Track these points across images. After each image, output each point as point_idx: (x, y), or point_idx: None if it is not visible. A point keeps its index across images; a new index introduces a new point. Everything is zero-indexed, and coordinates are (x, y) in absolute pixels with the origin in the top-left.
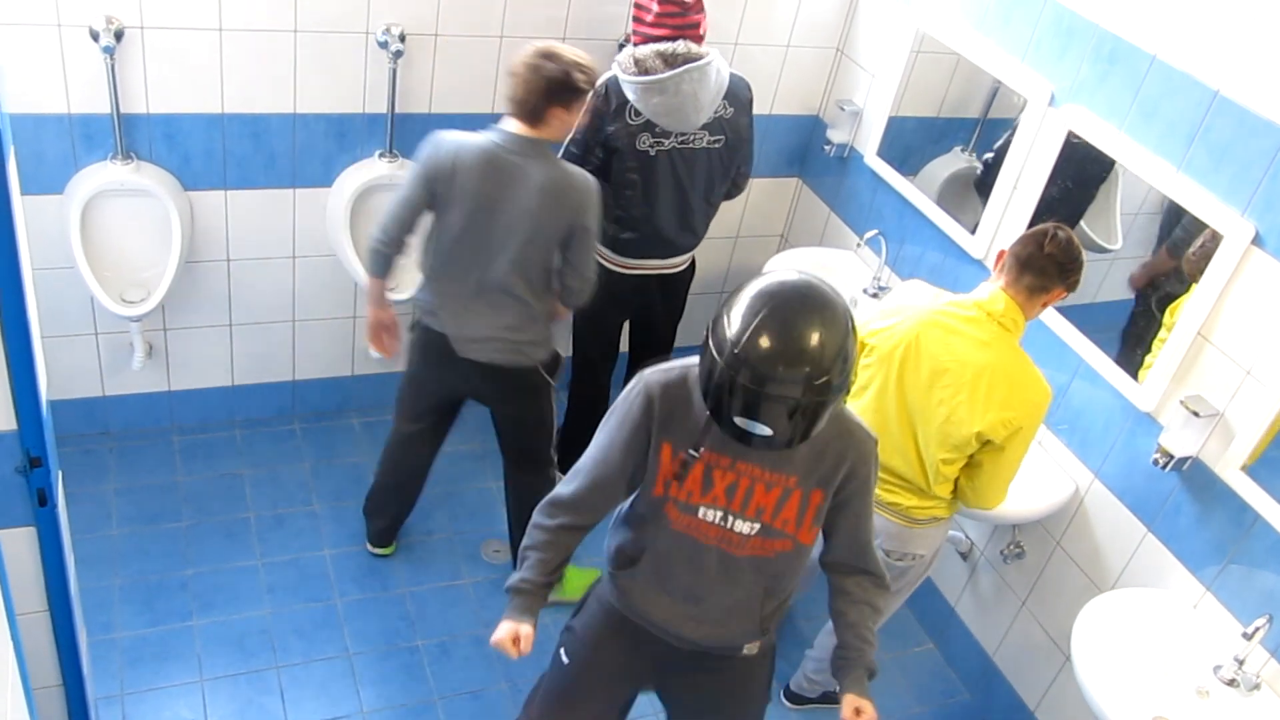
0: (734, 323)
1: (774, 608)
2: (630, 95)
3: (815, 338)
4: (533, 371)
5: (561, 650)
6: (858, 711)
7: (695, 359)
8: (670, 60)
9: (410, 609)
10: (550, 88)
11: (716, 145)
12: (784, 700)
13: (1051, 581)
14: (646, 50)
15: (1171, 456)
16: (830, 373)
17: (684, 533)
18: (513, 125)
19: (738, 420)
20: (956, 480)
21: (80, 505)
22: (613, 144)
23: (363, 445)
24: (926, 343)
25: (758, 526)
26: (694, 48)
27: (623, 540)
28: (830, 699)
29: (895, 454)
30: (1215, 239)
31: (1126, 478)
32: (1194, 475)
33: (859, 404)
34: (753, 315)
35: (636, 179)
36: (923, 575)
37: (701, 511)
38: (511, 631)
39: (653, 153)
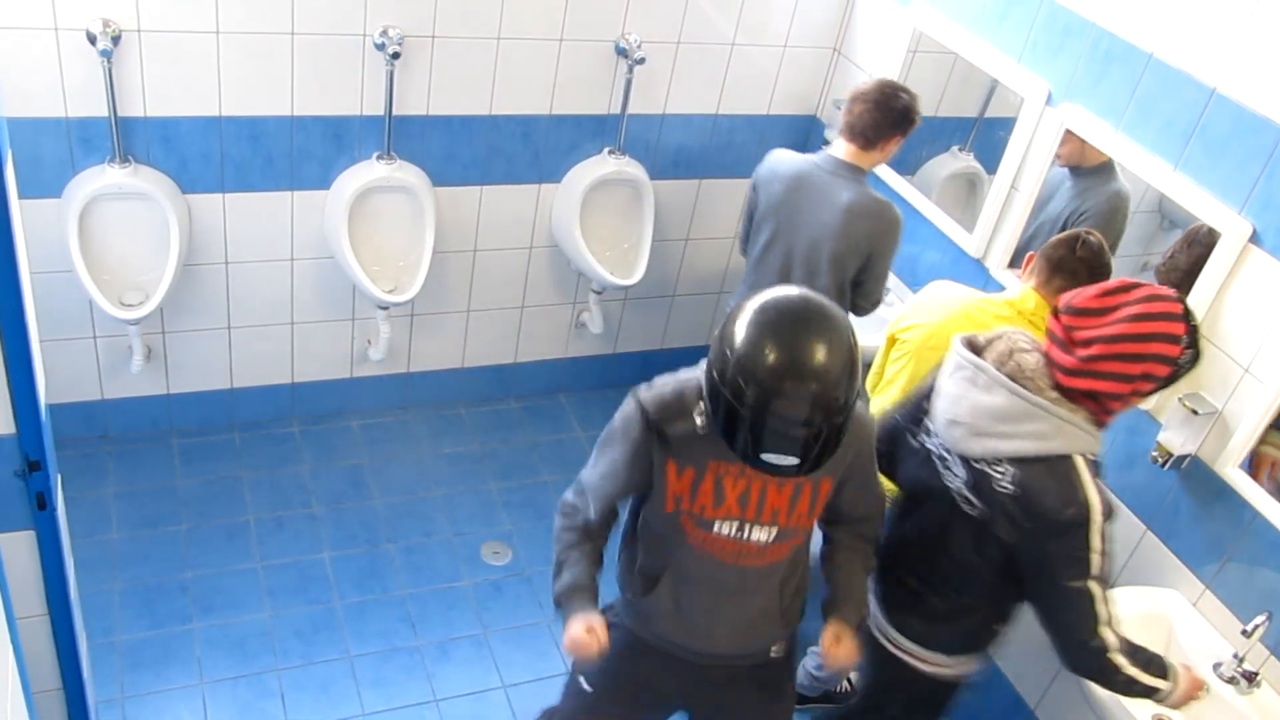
0: (735, 346)
1: (792, 595)
2: None
3: (819, 353)
4: None
5: (581, 679)
6: (837, 639)
7: (686, 372)
8: None
9: (410, 611)
10: (897, 119)
11: None
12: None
13: None
14: None
15: (1170, 454)
16: (839, 387)
17: (702, 551)
18: (840, 148)
19: (767, 457)
20: None
21: (80, 509)
22: None
23: (362, 447)
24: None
25: (775, 531)
26: None
27: (642, 561)
28: (831, 698)
29: None
30: (1186, 250)
31: (1125, 476)
32: (1193, 473)
33: (886, 396)
34: (753, 336)
35: None
36: None
37: (717, 526)
38: (585, 623)
39: None
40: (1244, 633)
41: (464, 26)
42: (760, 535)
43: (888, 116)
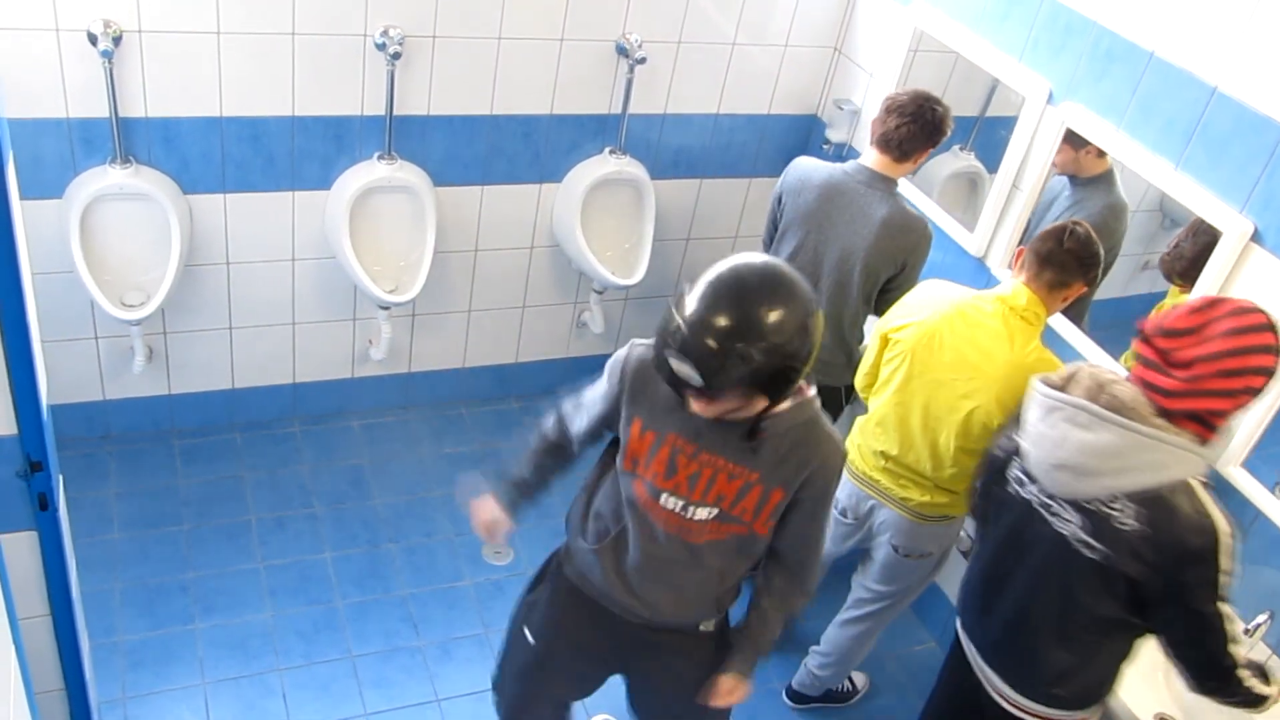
0: (690, 288)
1: (729, 588)
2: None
3: (766, 309)
4: (834, 392)
5: (526, 630)
6: (731, 691)
7: None
8: None
9: (412, 610)
10: (932, 132)
11: None
12: (786, 699)
13: None
14: None
15: None
16: (773, 331)
17: (646, 514)
18: (872, 159)
19: (672, 362)
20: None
21: (81, 509)
22: None
23: (363, 447)
24: (950, 336)
25: (715, 511)
26: None
27: (598, 505)
28: (832, 697)
29: (912, 447)
30: (1191, 239)
31: None
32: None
33: (881, 398)
34: (705, 284)
35: None
36: (931, 575)
37: (663, 498)
38: (489, 514)
39: None
40: (1246, 631)
41: (465, 26)
42: (701, 513)
43: (924, 130)
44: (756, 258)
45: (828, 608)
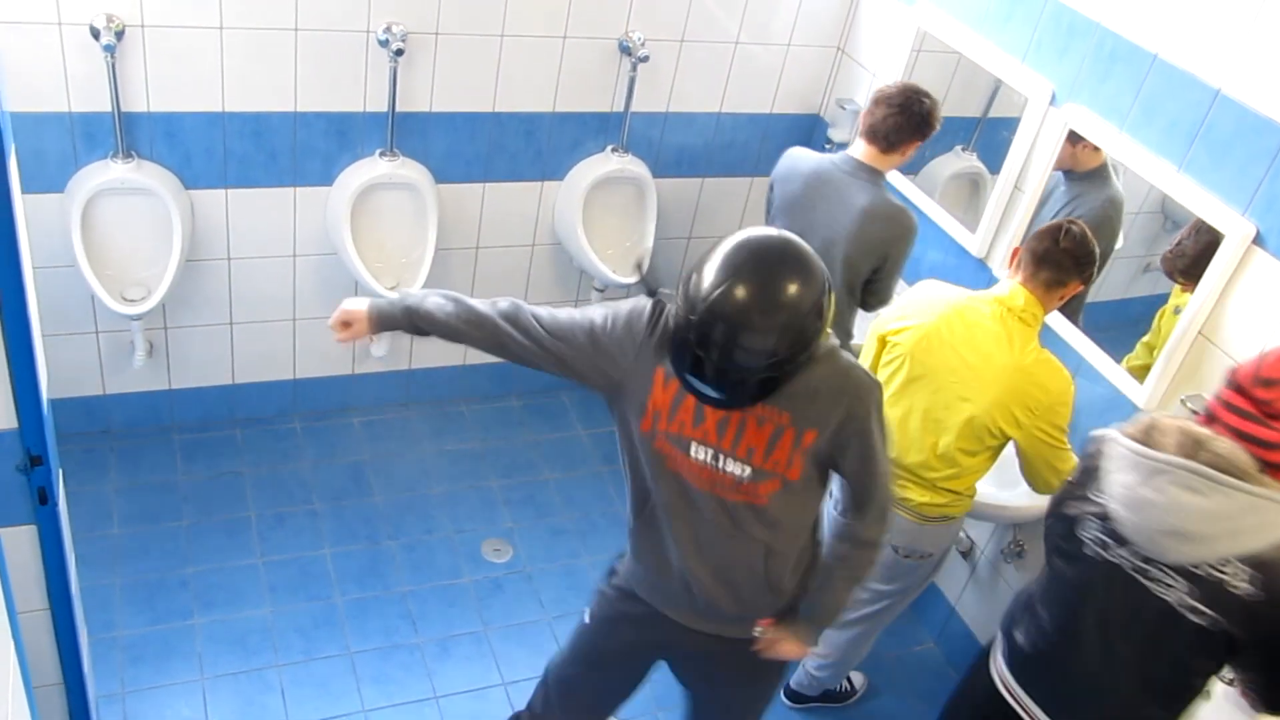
0: (705, 278)
1: (778, 572)
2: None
3: (786, 289)
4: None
5: (586, 611)
6: (775, 642)
7: None
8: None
9: (411, 607)
10: (919, 123)
11: None
12: (784, 699)
13: None
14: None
15: None
16: (775, 340)
17: (678, 474)
18: (860, 150)
19: (692, 380)
20: (1026, 476)
21: (81, 504)
22: None
23: (363, 443)
24: (949, 338)
25: (749, 470)
26: None
27: (632, 488)
28: (831, 697)
29: (911, 449)
30: (1194, 237)
31: None
32: None
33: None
34: (721, 269)
35: None
36: (931, 575)
37: (693, 449)
38: (350, 313)
39: None
40: None
41: (468, 23)
42: (734, 468)
43: (910, 121)
44: (758, 247)
45: None
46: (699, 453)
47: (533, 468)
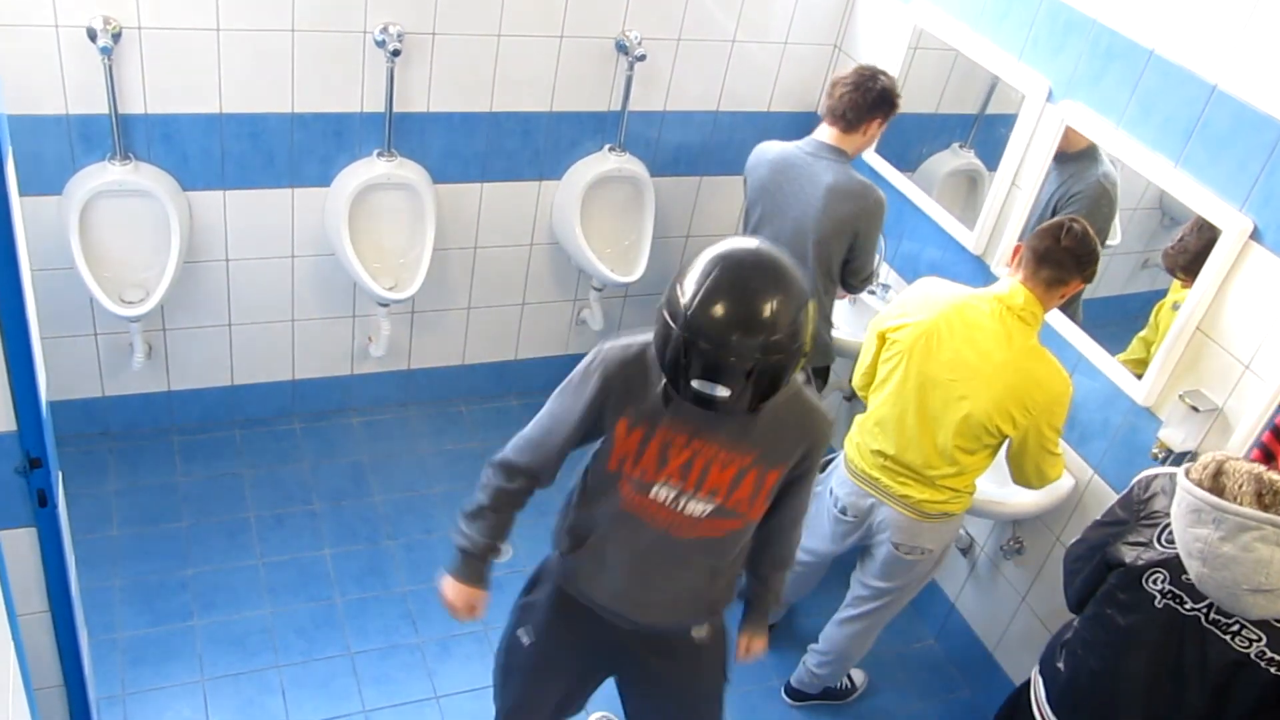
0: (687, 288)
1: (722, 588)
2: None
3: (769, 301)
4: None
5: (521, 632)
6: (748, 649)
7: (651, 332)
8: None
9: (411, 607)
10: (876, 100)
11: None
12: (784, 697)
13: (1051, 577)
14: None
15: (1170, 451)
16: (785, 333)
17: (630, 513)
18: (824, 132)
19: (696, 384)
20: (1012, 471)
21: (80, 506)
22: None
23: (363, 444)
24: (947, 336)
25: (711, 508)
26: None
27: (575, 521)
28: (831, 694)
29: (910, 446)
30: (1196, 233)
31: (1126, 473)
32: None
33: (879, 397)
34: (705, 278)
35: None
36: (931, 572)
37: (654, 490)
38: (467, 599)
39: None
40: None
41: (464, 23)
42: (696, 509)
43: (866, 97)
44: (745, 256)
45: (827, 606)
46: (660, 493)
47: None
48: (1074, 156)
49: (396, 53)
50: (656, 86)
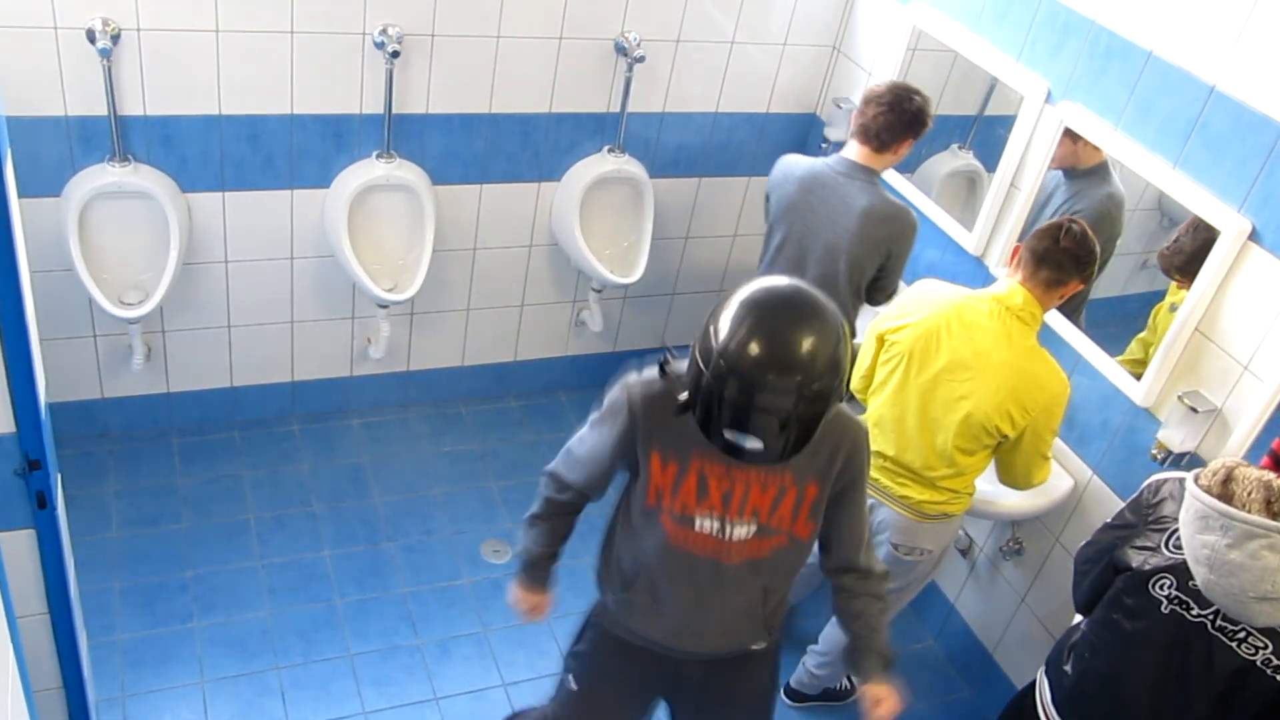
0: (721, 332)
1: (775, 604)
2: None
3: (805, 345)
4: None
5: (570, 677)
6: (878, 701)
7: (679, 363)
8: None
9: (411, 609)
10: (910, 121)
11: None
12: (784, 698)
13: (1050, 578)
14: None
15: (1170, 452)
16: (822, 381)
17: (678, 548)
18: (853, 150)
19: (727, 434)
20: (999, 468)
21: (80, 507)
22: None
23: (362, 445)
24: (946, 337)
25: (754, 528)
26: None
27: (620, 558)
28: (831, 695)
29: (909, 448)
30: (1191, 234)
31: (1125, 474)
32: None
33: (878, 399)
34: (739, 324)
35: None
36: (930, 573)
37: (698, 523)
38: (531, 602)
39: None
40: None
41: (463, 25)
42: (740, 531)
43: (901, 119)
44: (786, 301)
45: (825, 606)
46: (704, 525)
47: (532, 468)
48: (1084, 173)
49: (396, 54)
50: (655, 88)
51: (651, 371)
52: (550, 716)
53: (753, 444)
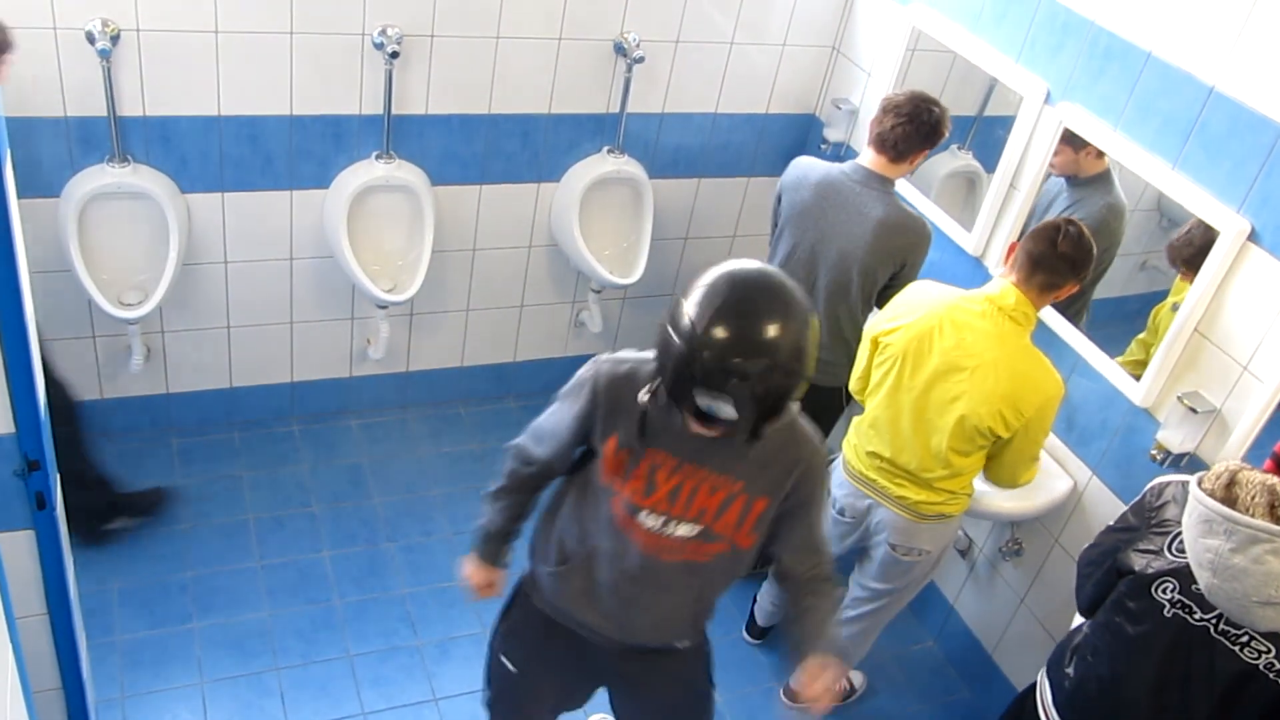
0: (692, 306)
1: (705, 608)
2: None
3: (774, 325)
4: (834, 393)
5: (504, 659)
6: (815, 676)
7: (649, 352)
8: None
9: (410, 609)
10: (928, 132)
11: None
12: (783, 699)
13: (1050, 578)
14: None
15: (1169, 453)
16: (788, 355)
17: (621, 531)
18: (869, 159)
19: (700, 400)
20: (986, 465)
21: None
22: None
23: (361, 446)
24: (940, 338)
25: (698, 529)
26: None
27: (562, 533)
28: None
29: (905, 449)
30: (1204, 228)
31: (1124, 474)
32: (1191, 471)
33: (874, 400)
34: (711, 298)
35: None
36: (929, 574)
37: (642, 516)
38: (484, 577)
39: None
40: None
41: (463, 26)
42: (683, 530)
43: (919, 131)
44: (753, 273)
45: None
46: (648, 520)
47: None
48: (1085, 182)
49: (395, 55)
50: (655, 88)
51: (625, 353)
52: (496, 700)
53: (726, 410)
